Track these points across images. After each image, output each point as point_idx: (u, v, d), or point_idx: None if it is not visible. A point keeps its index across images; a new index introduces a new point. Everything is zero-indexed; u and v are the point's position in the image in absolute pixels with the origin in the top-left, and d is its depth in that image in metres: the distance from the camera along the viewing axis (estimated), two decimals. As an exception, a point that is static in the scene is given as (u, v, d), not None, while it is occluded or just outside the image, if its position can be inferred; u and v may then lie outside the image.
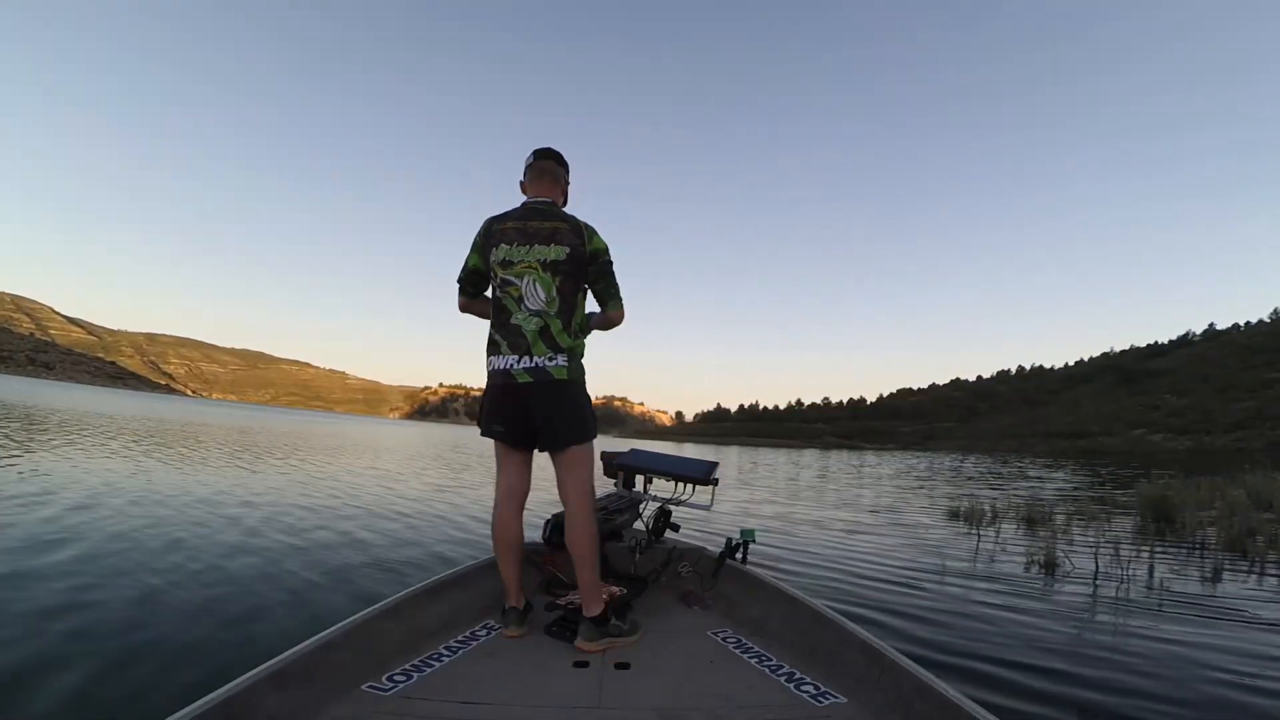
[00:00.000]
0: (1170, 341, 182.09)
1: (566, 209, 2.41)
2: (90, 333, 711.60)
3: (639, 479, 3.44)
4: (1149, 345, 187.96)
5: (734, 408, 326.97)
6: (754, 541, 3.01)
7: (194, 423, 25.13)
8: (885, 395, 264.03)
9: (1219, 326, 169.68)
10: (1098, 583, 4.65)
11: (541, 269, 2.16)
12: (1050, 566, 5.09)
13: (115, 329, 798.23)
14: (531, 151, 2.38)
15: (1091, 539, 6.65)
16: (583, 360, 2.28)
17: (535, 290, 2.16)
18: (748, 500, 10.67)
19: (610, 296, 2.31)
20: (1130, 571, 4.96)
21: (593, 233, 2.25)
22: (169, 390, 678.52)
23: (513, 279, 2.18)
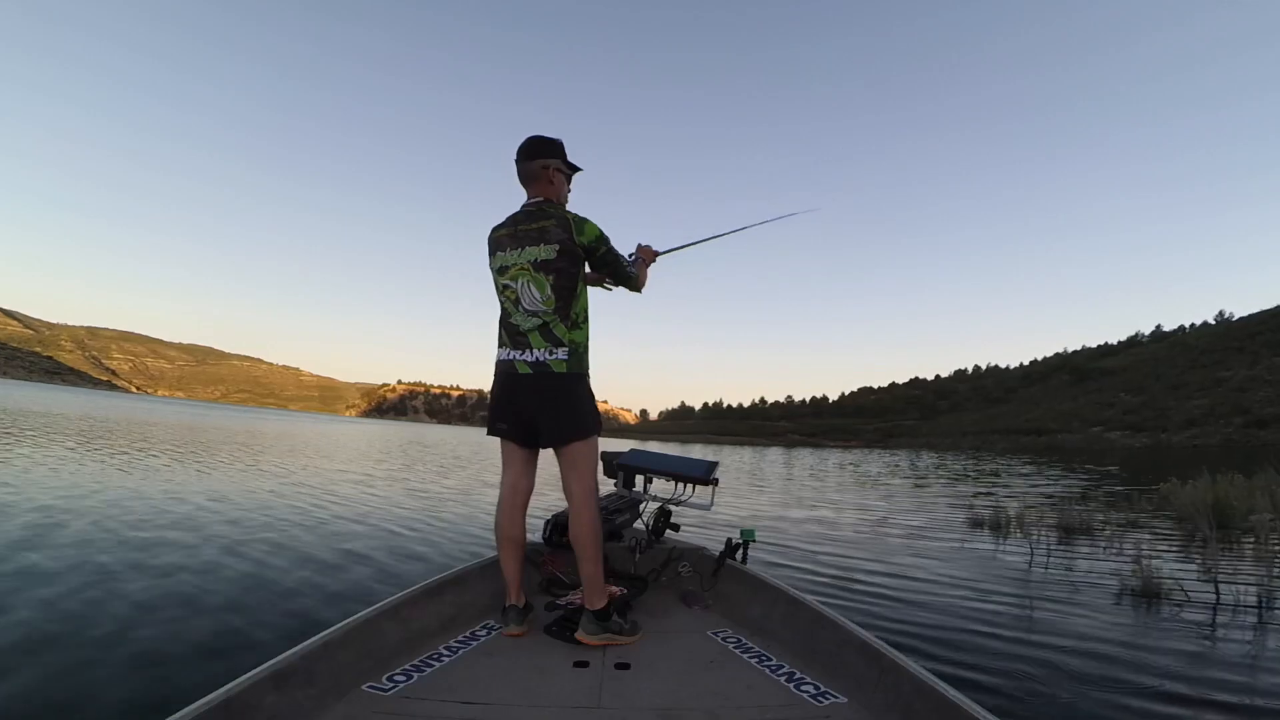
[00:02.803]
0: (1120, 342, 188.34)
1: (570, 188, 2.46)
2: (27, 326, 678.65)
3: (639, 479, 3.35)
4: (1100, 345, 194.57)
5: (698, 405, 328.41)
6: (754, 541, 3.00)
7: (144, 422, 24.11)
8: (847, 394, 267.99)
9: (1166, 328, 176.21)
10: (1218, 615, 3.87)
11: (534, 269, 2.20)
12: (1151, 593, 4.21)
13: (54, 322, 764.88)
14: (516, 151, 2.39)
15: (1157, 551, 5.94)
16: (586, 353, 2.31)
17: (530, 291, 2.21)
18: (762, 502, 10.13)
19: (625, 277, 2.47)
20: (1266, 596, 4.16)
21: (581, 223, 2.25)
22: (111, 387, 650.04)
23: (509, 283, 2.26)
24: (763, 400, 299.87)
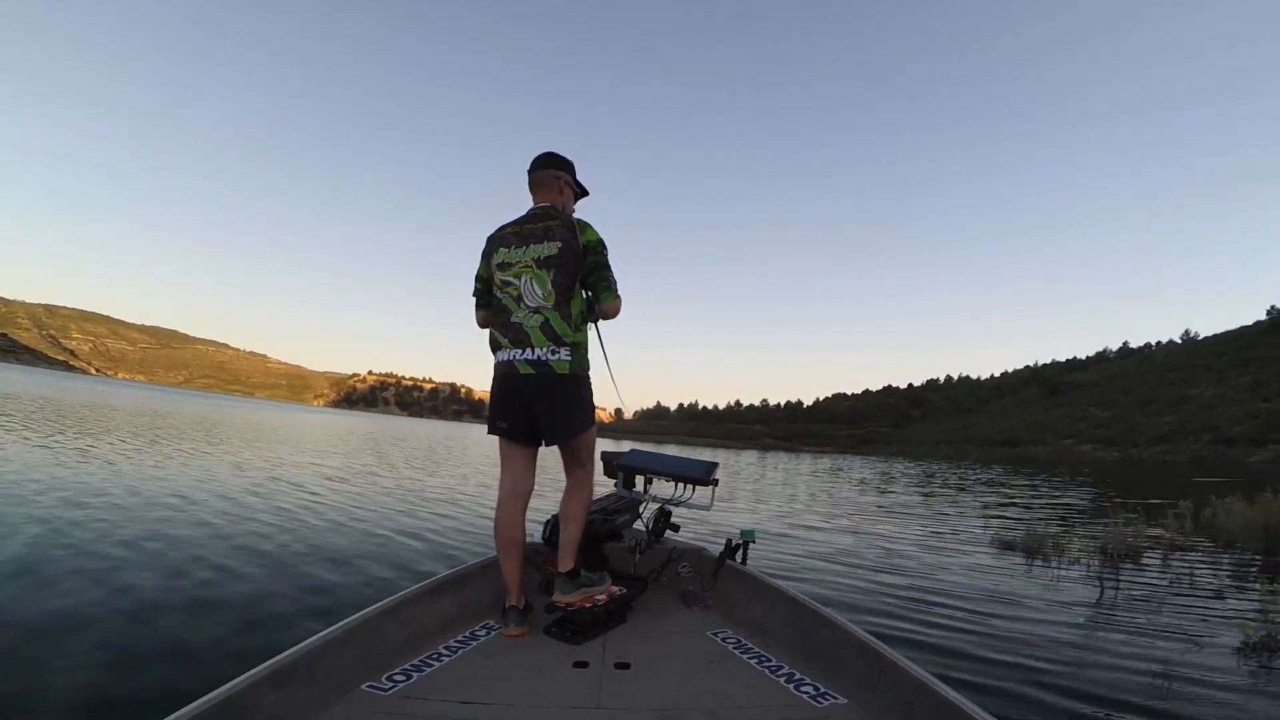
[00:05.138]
0: (1089, 357, 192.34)
1: (575, 209, 2.58)
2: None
3: (639, 479, 3.38)
4: (1069, 359, 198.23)
5: (674, 406, 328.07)
6: (754, 542, 3.03)
7: (104, 406, 23.34)
8: (821, 399, 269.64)
9: (1133, 345, 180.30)
10: None
11: (536, 266, 2.26)
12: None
13: (10, 298, 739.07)
14: (531, 161, 2.53)
15: (1230, 582, 5.31)
16: (587, 353, 2.36)
17: (532, 287, 2.26)
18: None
19: (603, 289, 2.33)
20: None
21: (585, 226, 2.34)
22: (69, 368, 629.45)
23: (511, 279, 2.30)
24: (738, 403, 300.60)
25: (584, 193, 2.61)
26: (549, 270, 2.24)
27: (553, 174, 2.45)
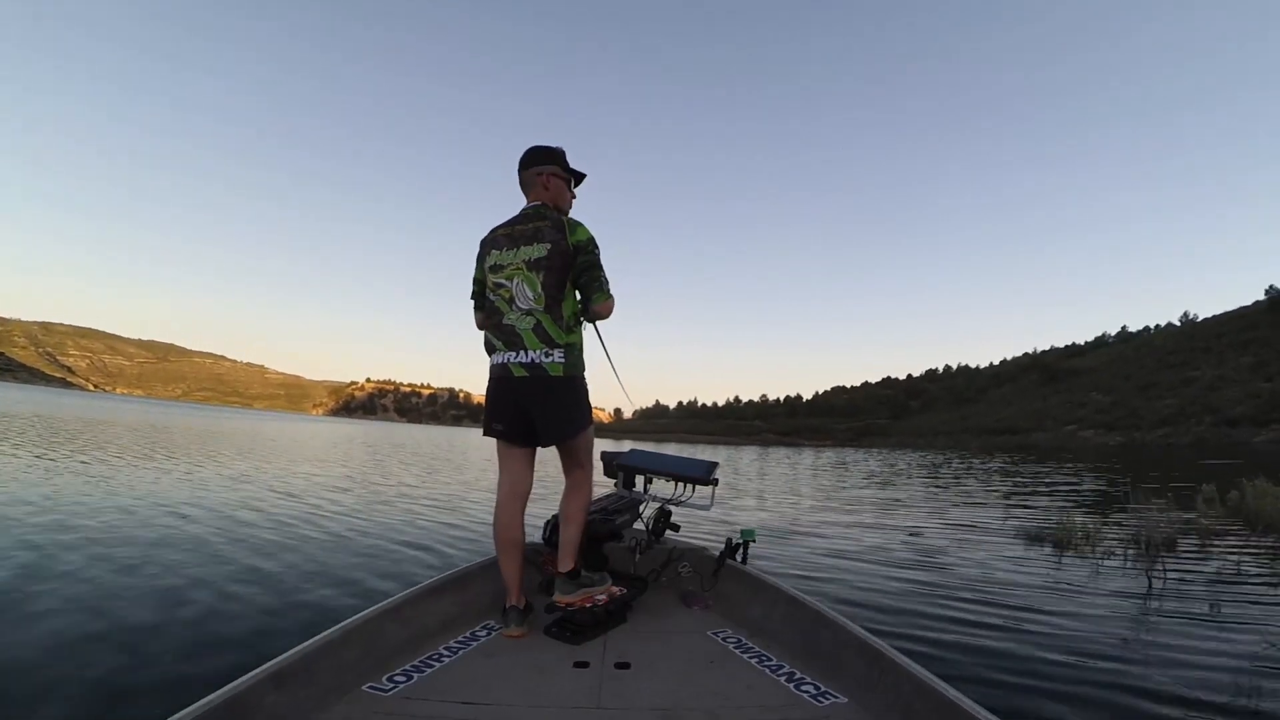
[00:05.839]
0: (1087, 343, 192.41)
1: (574, 194, 2.57)
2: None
3: (639, 479, 3.39)
4: (1068, 345, 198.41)
5: (673, 404, 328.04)
6: (754, 541, 3.03)
7: (101, 422, 23.37)
8: (820, 393, 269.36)
9: (1131, 329, 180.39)
10: None
11: (526, 268, 2.26)
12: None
13: (7, 317, 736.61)
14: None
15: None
16: (581, 355, 2.34)
17: (523, 290, 2.26)
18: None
19: (594, 290, 2.31)
20: None
21: (575, 226, 2.31)
22: (66, 384, 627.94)
23: (503, 281, 2.31)
24: (737, 399, 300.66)
25: (579, 177, 2.53)
26: (538, 272, 2.23)
27: (533, 172, 2.40)
